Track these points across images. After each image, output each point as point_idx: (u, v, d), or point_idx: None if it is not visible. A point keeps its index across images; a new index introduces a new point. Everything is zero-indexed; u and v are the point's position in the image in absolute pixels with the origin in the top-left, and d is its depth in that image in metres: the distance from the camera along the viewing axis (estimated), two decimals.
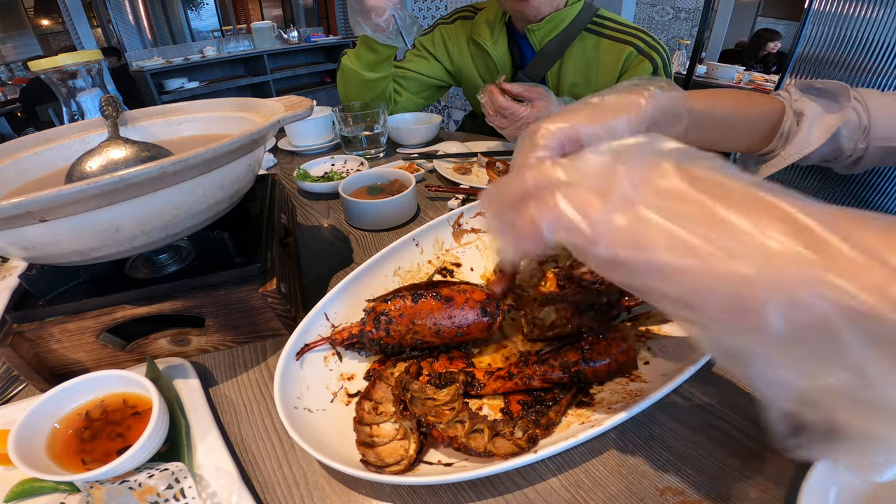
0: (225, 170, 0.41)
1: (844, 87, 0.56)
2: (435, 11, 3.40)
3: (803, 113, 0.56)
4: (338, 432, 0.38)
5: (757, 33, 3.55)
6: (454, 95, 3.46)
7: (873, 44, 1.16)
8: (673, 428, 0.38)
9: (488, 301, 0.44)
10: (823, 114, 0.56)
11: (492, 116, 0.85)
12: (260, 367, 0.48)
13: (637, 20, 3.53)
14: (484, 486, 0.35)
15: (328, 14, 5.50)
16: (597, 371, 0.40)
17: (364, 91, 1.04)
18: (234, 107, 0.59)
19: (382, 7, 0.87)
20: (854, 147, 0.56)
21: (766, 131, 0.59)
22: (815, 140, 0.55)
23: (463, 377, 0.41)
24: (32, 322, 0.43)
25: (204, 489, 0.35)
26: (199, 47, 4.52)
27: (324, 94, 4.79)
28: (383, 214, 0.71)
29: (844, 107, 0.55)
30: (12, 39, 4.15)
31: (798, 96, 0.58)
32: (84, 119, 0.70)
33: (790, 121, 0.57)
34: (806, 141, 0.56)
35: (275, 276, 0.47)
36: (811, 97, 0.57)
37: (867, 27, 1.16)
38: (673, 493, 0.34)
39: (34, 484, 0.35)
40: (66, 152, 0.55)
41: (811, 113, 0.56)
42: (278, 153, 1.09)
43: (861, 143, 0.56)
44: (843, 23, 1.20)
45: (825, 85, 0.57)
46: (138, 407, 0.39)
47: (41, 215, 0.32)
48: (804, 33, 1.26)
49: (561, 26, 0.95)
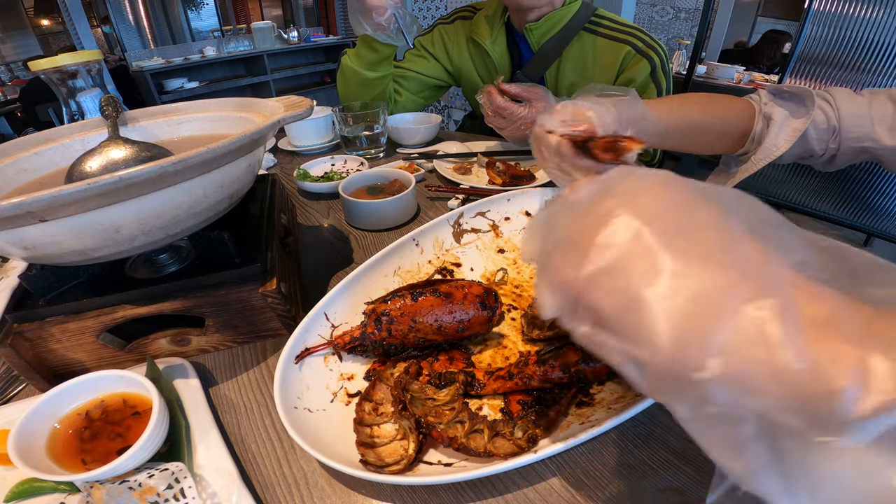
0: (225, 170, 0.41)
1: (809, 91, 0.58)
2: (435, 11, 3.40)
3: (771, 117, 0.58)
4: (338, 432, 0.38)
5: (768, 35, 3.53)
6: (454, 95, 3.46)
7: (873, 44, 1.16)
8: (673, 428, 0.38)
9: (486, 294, 0.45)
10: (790, 118, 0.58)
11: (491, 117, 0.85)
12: (260, 367, 0.48)
13: (637, 20, 3.53)
14: (484, 486, 0.35)
15: (328, 14, 5.50)
16: (597, 371, 0.40)
17: (364, 90, 1.04)
18: (233, 107, 0.59)
19: (383, 6, 0.87)
20: (826, 147, 0.59)
21: (739, 134, 0.61)
22: (782, 144, 0.58)
23: (463, 377, 0.41)
24: (32, 322, 0.43)
25: (204, 489, 0.35)
26: (199, 47, 4.51)
27: (324, 94, 4.79)
28: (383, 214, 0.71)
29: (810, 110, 0.57)
30: (12, 39, 4.14)
31: (767, 100, 0.60)
32: (84, 119, 0.70)
33: (760, 124, 0.59)
34: (773, 145, 0.58)
35: (275, 276, 0.47)
36: (778, 102, 0.60)
37: (867, 27, 1.16)
38: (673, 493, 0.34)
39: (34, 484, 0.35)
40: (66, 152, 0.55)
41: (778, 118, 0.58)
42: (278, 153, 1.09)
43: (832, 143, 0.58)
44: (843, 23, 1.20)
45: (792, 89, 0.59)
46: (138, 407, 0.39)
47: (41, 215, 0.32)
48: (804, 33, 1.26)
49: (559, 26, 0.95)
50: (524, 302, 0.52)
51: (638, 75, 0.92)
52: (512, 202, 0.64)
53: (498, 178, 0.82)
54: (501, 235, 0.62)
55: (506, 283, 0.56)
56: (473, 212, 0.62)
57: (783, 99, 0.60)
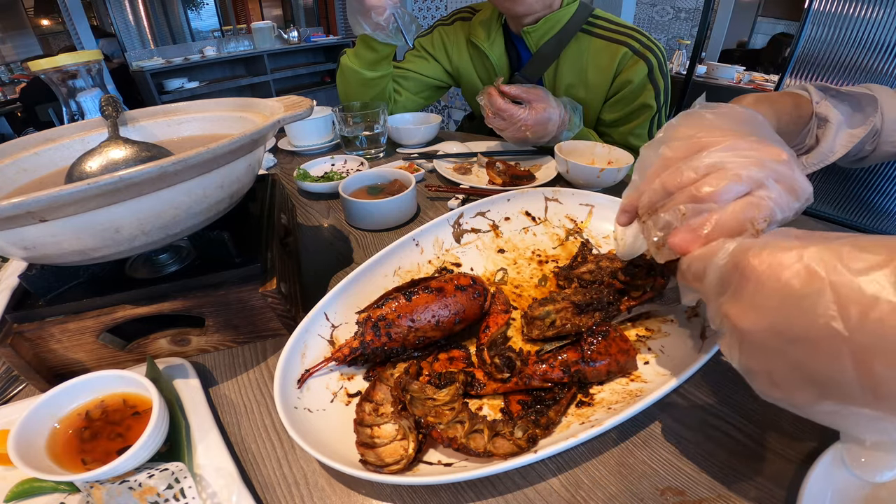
0: (225, 170, 0.41)
1: (872, 97, 0.54)
2: (435, 12, 3.40)
3: (827, 119, 0.54)
4: (338, 432, 0.38)
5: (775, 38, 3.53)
6: (454, 95, 3.46)
7: (873, 44, 1.16)
8: (673, 428, 0.38)
9: (474, 283, 0.47)
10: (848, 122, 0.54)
11: (490, 118, 0.85)
12: (260, 367, 0.48)
13: (637, 20, 3.53)
14: (484, 486, 0.35)
15: (328, 14, 5.50)
16: (597, 371, 0.40)
17: (364, 90, 1.04)
18: (233, 107, 0.59)
19: (382, 6, 0.87)
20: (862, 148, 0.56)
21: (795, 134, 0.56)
22: (839, 149, 0.54)
23: (463, 377, 0.41)
24: (32, 322, 0.43)
25: (204, 489, 0.35)
26: (199, 47, 4.51)
27: (324, 94, 4.79)
28: (383, 214, 0.71)
29: (870, 117, 0.53)
30: (12, 39, 4.14)
31: (819, 98, 0.55)
32: (84, 119, 0.70)
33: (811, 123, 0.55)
34: (830, 150, 0.54)
35: (275, 276, 0.47)
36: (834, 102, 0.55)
37: (867, 27, 1.16)
38: (673, 493, 0.34)
39: (34, 484, 0.35)
40: (66, 152, 0.55)
41: (836, 120, 0.54)
42: (278, 153, 1.09)
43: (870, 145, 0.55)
44: (843, 23, 1.20)
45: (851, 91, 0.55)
46: (138, 407, 0.39)
47: (41, 215, 0.32)
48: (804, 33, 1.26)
49: (556, 27, 0.95)
50: (524, 302, 0.52)
51: (635, 76, 0.92)
52: (512, 202, 0.64)
53: (498, 178, 0.82)
54: (501, 235, 0.62)
55: (506, 283, 0.56)
56: (473, 212, 0.62)
57: (837, 99, 0.56)
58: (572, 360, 0.40)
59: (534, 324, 0.45)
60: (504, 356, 0.42)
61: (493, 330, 0.45)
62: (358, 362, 0.45)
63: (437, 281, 0.47)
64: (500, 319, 0.46)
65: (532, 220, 0.64)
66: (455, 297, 0.45)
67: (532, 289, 0.55)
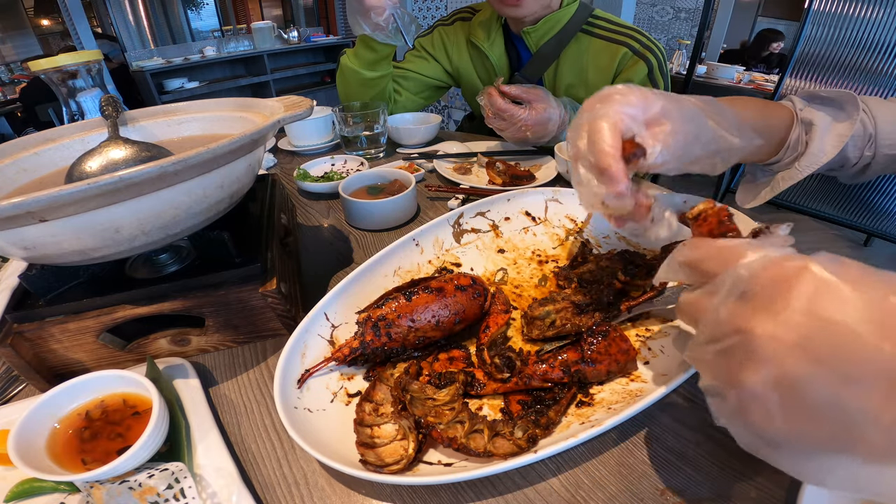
0: (225, 170, 0.41)
1: (851, 95, 0.55)
2: (435, 12, 3.40)
3: (812, 123, 0.55)
4: (338, 432, 0.38)
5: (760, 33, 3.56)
6: (454, 95, 3.46)
7: (873, 44, 1.16)
8: (673, 428, 0.38)
9: (474, 283, 0.46)
10: (833, 123, 0.54)
11: (490, 118, 0.85)
12: (260, 367, 0.48)
13: (637, 20, 3.53)
14: (484, 486, 0.35)
15: (328, 14, 5.50)
16: (597, 371, 0.40)
17: (364, 90, 1.04)
18: (233, 107, 0.59)
19: (381, 6, 0.87)
20: (860, 155, 0.56)
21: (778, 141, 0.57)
22: (829, 150, 0.54)
23: (463, 377, 0.41)
24: (32, 322, 0.43)
25: (204, 489, 0.35)
26: (199, 47, 4.51)
27: (324, 94, 4.78)
28: (383, 214, 0.71)
29: (853, 115, 0.54)
30: (12, 39, 4.14)
31: (803, 105, 0.56)
32: (84, 119, 0.70)
33: (798, 131, 0.56)
34: (820, 151, 0.54)
35: (275, 276, 0.47)
36: (817, 107, 0.56)
37: (867, 27, 1.17)
38: (673, 493, 0.34)
39: (34, 484, 0.35)
40: (66, 152, 0.55)
41: (821, 123, 0.54)
42: (278, 153, 1.09)
43: (867, 150, 0.55)
44: (843, 23, 1.20)
45: (830, 94, 0.56)
46: (138, 407, 0.39)
47: (41, 215, 0.32)
48: (804, 33, 1.26)
49: (556, 28, 0.95)
50: (524, 302, 0.52)
51: (635, 77, 0.92)
52: (512, 202, 0.64)
53: (498, 178, 0.82)
54: (501, 235, 0.62)
55: (506, 283, 0.56)
56: (473, 212, 0.62)
57: (821, 104, 0.56)
58: (572, 360, 0.40)
59: (534, 324, 0.45)
60: (504, 356, 0.42)
61: (493, 330, 0.45)
62: (358, 362, 0.45)
63: (437, 281, 0.47)
64: (500, 319, 0.46)
65: (532, 220, 0.64)
66: (455, 297, 0.45)
67: (532, 289, 0.55)
